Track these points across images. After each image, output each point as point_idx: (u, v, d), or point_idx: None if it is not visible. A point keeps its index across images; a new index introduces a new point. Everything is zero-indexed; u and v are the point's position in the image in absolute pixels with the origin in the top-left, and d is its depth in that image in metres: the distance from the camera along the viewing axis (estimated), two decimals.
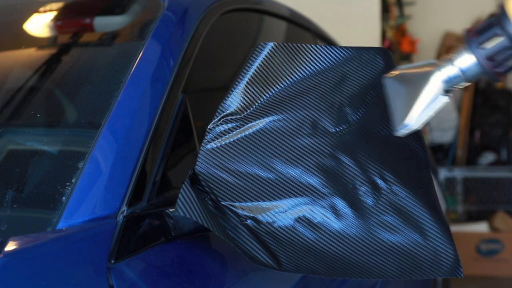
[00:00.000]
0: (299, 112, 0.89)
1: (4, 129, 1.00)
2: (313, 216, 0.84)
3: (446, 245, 0.81)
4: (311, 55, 0.94)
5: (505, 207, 4.70)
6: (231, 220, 0.84)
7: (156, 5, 1.20)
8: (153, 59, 1.03)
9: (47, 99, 1.05)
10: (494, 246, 4.36)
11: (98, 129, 0.89)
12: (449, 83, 0.85)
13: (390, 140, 0.91)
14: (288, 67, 0.94)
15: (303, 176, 0.85)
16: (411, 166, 0.90)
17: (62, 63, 1.14)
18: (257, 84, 0.92)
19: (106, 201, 0.80)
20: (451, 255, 0.81)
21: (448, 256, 0.81)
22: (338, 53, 0.94)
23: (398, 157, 0.91)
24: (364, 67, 0.94)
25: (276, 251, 0.82)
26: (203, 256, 0.88)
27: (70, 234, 0.73)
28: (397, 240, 0.82)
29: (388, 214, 0.83)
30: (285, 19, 1.73)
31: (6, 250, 0.64)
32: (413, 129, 0.83)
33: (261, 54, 0.93)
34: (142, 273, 0.76)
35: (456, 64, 0.85)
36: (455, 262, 0.80)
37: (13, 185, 0.86)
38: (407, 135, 0.85)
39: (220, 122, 0.89)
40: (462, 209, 4.80)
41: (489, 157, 5.17)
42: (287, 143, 0.87)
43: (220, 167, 0.87)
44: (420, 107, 0.83)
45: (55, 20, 1.29)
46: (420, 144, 0.93)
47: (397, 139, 0.91)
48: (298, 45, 0.94)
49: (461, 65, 0.84)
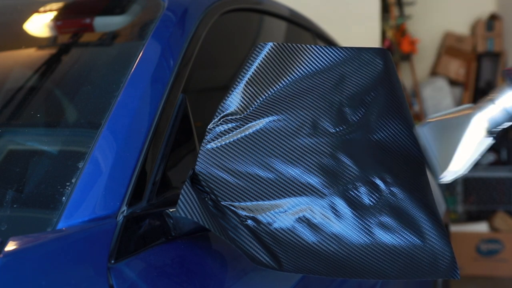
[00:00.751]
0: (299, 112, 0.89)
1: (4, 129, 1.00)
2: (313, 216, 0.84)
3: (443, 246, 0.81)
4: (310, 55, 0.94)
5: (505, 207, 4.70)
6: (231, 220, 0.85)
7: (156, 5, 1.20)
8: (153, 59, 1.03)
9: (47, 99, 1.05)
10: (494, 246, 4.37)
11: (98, 129, 0.89)
12: (492, 123, 0.82)
13: (389, 141, 0.91)
14: (287, 67, 0.94)
15: (303, 176, 0.85)
16: (409, 168, 0.90)
17: (62, 63, 1.14)
18: (256, 84, 0.92)
19: (106, 201, 0.80)
20: (448, 256, 0.81)
21: (445, 257, 0.81)
22: (337, 53, 0.94)
23: (397, 159, 0.91)
24: (364, 68, 0.93)
25: (276, 251, 0.82)
26: (203, 256, 0.88)
27: (70, 234, 0.73)
28: (395, 241, 0.82)
29: (387, 214, 0.83)
30: (285, 19, 1.74)
31: (6, 250, 0.64)
32: (458, 174, 0.81)
33: (261, 54, 0.93)
34: (142, 273, 0.76)
35: (498, 103, 0.82)
36: (452, 263, 0.81)
37: (13, 185, 0.86)
38: (452, 180, 0.83)
39: (220, 122, 0.90)
40: (462, 209, 4.80)
41: (489, 157, 5.17)
42: (287, 143, 0.87)
43: (220, 167, 0.87)
44: (465, 152, 0.80)
45: (55, 20, 1.29)
46: (418, 147, 0.92)
47: (395, 141, 0.91)
48: (297, 45, 0.94)
49: (505, 103, 0.81)
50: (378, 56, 0.94)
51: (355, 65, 0.93)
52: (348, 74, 0.93)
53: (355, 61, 0.94)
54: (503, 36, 5.35)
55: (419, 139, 0.87)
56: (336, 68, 0.93)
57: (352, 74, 0.93)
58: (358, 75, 0.92)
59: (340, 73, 0.93)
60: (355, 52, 0.94)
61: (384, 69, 0.94)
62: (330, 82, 0.92)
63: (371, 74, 0.93)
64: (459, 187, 4.77)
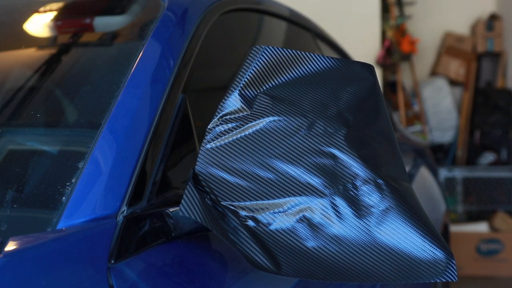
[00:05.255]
0: (299, 112, 0.89)
1: (4, 129, 1.00)
2: (312, 216, 0.84)
3: (440, 248, 0.82)
4: (309, 59, 0.95)
5: (505, 207, 4.70)
6: (231, 222, 0.85)
7: (156, 5, 1.20)
8: (153, 59, 1.03)
9: (47, 99, 1.05)
10: (494, 246, 4.37)
11: (98, 129, 0.89)
12: None
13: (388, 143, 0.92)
14: (287, 67, 0.94)
15: (303, 176, 0.85)
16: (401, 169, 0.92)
17: (62, 63, 1.14)
18: (256, 84, 0.92)
19: (106, 201, 0.79)
20: (446, 258, 0.81)
21: (443, 259, 0.81)
22: (332, 63, 0.96)
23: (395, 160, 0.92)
24: (357, 78, 0.96)
25: (276, 253, 0.82)
26: (203, 256, 0.88)
27: (70, 234, 0.73)
28: (394, 242, 0.82)
29: (387, 215, 0.83)
30: (285, 19, 1.74)
31: (6, 250, 0.64)
32: None
33: (259, 54, 0.93)
34: (142, 273, 0.76)
35: None
36: (450, 265, 0.81)
37: (13, 185, 0.86)
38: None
39: (220, 122, 0.90)
40: (462, 209, 4.80)
41: (489, 157, 5.18)
42: (287, 143, 0.87)
43: (220, 167, 0.87)
44: None
45: (55, 20, 1.29)
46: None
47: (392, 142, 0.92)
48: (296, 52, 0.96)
49: None
50: (368, 70, 0.98)
51: (349, 75, 0.96)
52: (344, 82, 0.95)
53: (348, 71, 0.97)
54: (503, 36, 5.36)
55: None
56: (333, 76, 0.95)
57: (347, 83, 0.94)
58: (353, 85, 0.95)
59: (336, 81, 0.95)
60: (346, 64, 0.98)
61: (374, 82, 0.97)
62: (328, 87, 0.94)
63: (364, 85, 0.95)
64: (459, 187, 4.78)
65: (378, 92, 0.97)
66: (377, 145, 0.90)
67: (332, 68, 0.96)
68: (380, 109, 0.95)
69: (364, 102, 0.94)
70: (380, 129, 0.92)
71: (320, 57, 0.96)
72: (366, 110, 0.93)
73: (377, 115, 0.94)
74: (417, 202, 0.88)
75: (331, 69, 0.96)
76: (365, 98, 0.94)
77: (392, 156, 0.92)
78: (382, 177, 0.85)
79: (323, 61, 0.96)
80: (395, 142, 0.95)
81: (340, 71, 0.96)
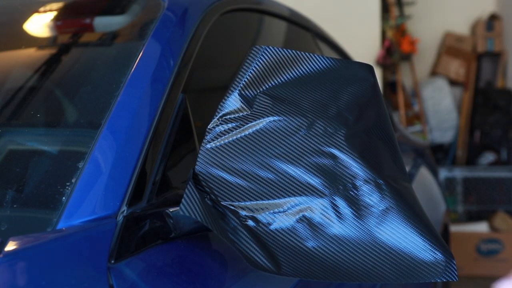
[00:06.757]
0: (299, 112, 0.89)
1: (4, 129, 1.00)
2: (312, 216, 0.84)
3: (440, 248, 0.82)
4: (309, 60, 0.96)
5: (505, 207, 4.70)
6: (231, 222, 0.85)
7: (156, 5, 1.20)
8: (153, 59, 1.03)
9: (47, 99, 1.05)
10: (494, 246, 4.37)
11: (98, 129, 0.89)
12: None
13: (387, 143, 0.92)
14: (287, 67, 0.94)
15: (303, 176, 0.85)
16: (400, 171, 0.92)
17: (62, 63, 1.14)
18: (256, 84, 0.92)
19: (106, 201, 0.80)
20: (446, 258, 0.81)
21: (443, 259, 0.81)
22: (332, 63, 0.97)
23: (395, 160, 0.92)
24: (356, 78, 0.96)
25: (276, 253, 0.82)
26: (203, 256, 0.88)
27: (70, 234, 0.73)
28: (394, 242, 0.82)
29: (387, 215, 0.83)
30: (285, 19, 1.74)
31: (6, 250, 0.64)
32: None
33: (259, 54, 0.93)
34: (142, 273, 0.76)
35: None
36: (450, 265, 0.81)
37: (13, 185, 0.86)
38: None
39: (219, 122, 0.90)
40: (462, 209, 4.80)
41: (489, 157, 5.18)
42: (287, 143, 0.87)
43: (220, 166, 0.87)
44: None
45: (55, 20, 1.29)
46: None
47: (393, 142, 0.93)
48: (295, 51, 0.96)
49: None
50: (367, 70, 0.98)
51: (349, 75, 0.96)
52: (344, 81, 0.95)
53: (348, 71, 0.97)
54: (503, 36, 5.36)
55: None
56: (333, 76, 0.95)
57: (347, 82, 0.95)
58: (353, 84, 0.95)
59: (336, 80, 0.95)
60: (346, 64, 0.98)
61: (374, 83, 0.97)
62: (328, 87, 0.94)
63: (364, 85, 0.96)
64: (459, 187, 4.78)
65: (378, 92, 0.97)
66: (377, 145, 0.90)
67: (332, 68, 0.96)
68: (380, 109, 0.95)
69: (364, 102, 0.94)
70: (380, 129, 0.93)
71: (320, 57, 0.96)
72: (366, 110, 0.93)
73: (377, 115, 0.94)
74: (417, 202, 0.88)
75: (331, 69, 0.96)
76: (365, 98, 0.94)
77: (392, 156, 0.92)
78: (382, 177, 0.85)
79: (323, 61, 0.96)
80: (395, 142, 0.95)
81: (339, 71, 0.96)
